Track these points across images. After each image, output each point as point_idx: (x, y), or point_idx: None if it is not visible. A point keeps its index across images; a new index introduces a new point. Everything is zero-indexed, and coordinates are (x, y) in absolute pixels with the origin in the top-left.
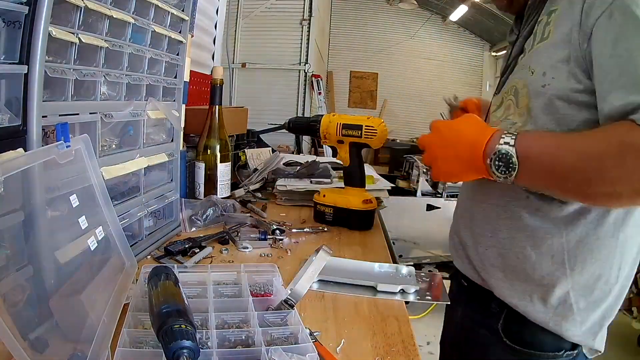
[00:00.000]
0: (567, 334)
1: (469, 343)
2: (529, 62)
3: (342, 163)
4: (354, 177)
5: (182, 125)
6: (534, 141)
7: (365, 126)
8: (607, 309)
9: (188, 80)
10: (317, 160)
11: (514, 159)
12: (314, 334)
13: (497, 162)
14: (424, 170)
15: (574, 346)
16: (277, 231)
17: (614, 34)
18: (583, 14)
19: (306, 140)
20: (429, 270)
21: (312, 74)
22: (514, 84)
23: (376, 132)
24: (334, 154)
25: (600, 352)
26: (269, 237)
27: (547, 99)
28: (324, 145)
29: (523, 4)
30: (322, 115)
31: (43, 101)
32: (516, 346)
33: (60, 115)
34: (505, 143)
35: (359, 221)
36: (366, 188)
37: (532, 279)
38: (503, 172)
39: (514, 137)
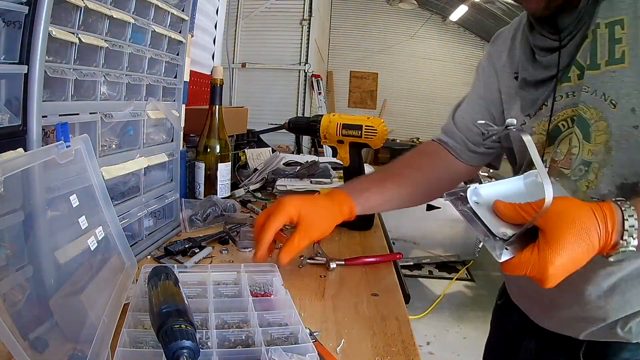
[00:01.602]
0: None
1: None
2: (600, 88)
3: (342, 163)
4: (354, 177)
5: (182, 125)
6: None
7: (365, 126)
8: None
9: (188, 80)
10: (317, 160)
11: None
12: (314, 334)
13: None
14: None
15: None
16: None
17: None
18: None
19: (306, 140)
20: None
21: (312, 74)
22: (579, 111)
23: (376, 132)
24: (334, 154)
25: None
26: None
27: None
28: (324, 145)
29: (559, 5)
30: (322, 115)
31: (43, 101)
32: None
33: (60, 115)
34: (630, 236)
35: (359, 221)
36: None
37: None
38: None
39: (636, 218)
